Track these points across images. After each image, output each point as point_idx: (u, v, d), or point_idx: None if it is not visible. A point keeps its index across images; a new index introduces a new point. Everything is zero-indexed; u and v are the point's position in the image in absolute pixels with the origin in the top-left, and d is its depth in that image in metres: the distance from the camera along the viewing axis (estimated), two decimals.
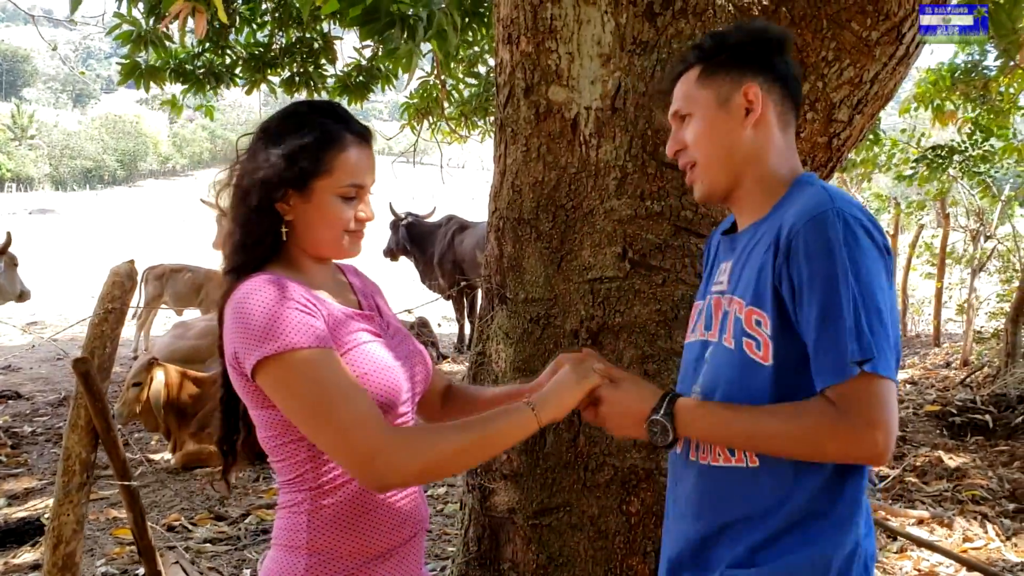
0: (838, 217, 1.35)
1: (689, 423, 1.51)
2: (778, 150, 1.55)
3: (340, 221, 1.61)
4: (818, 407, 1.37)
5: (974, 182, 9.06)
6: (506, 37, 2.41)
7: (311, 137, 1.57)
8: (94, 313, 2.13)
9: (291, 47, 6.54)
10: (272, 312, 1.46)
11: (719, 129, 1.54)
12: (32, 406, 7.83)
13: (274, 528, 1.64)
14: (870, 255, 1.36)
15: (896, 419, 1.34)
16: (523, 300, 2.39)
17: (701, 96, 1.56)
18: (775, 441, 1.42)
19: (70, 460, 2.13)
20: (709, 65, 1.56)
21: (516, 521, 2.39)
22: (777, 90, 1.54)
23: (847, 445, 1.35)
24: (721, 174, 1.56)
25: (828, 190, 1.42)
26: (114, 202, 57.78)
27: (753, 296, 1.46)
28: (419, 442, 1.48)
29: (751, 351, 1.45)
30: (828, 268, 1.34)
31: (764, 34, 1.57)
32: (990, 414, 6.71)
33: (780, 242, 1.41)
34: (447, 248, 11.07)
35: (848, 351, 1.32)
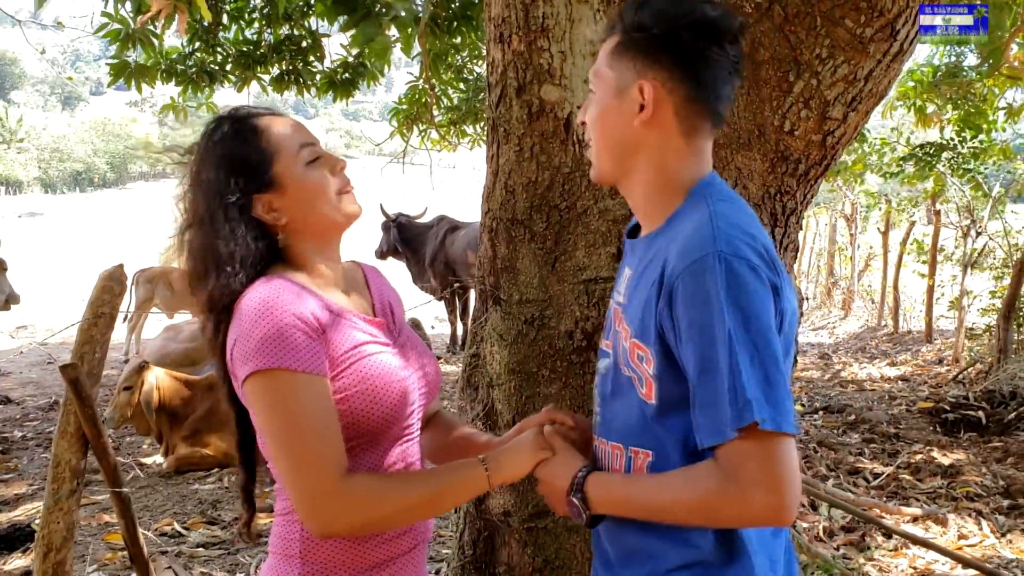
0: (719, 261, 1.24)
1: (600, 501, 1.42)
2: (677, 154, 1.41)
3: (324, 185, 1.56)
4: (705, 472, 1.28)
5: (964, 179, 9.08)
6: (497, 36, 2.39)
7: (237, 140, 1.54)
8: (83, 318, 2.11)
9: (279, 44, 6.52)
10: (272, 326, 1.42)
11: (610, 118, 1.42)
12: (22, 411, 7.79)
13: (270, 535, 1.62)
14: (757, 297, 1.25)
15: (794, 474, 1.22)
16: (517, 301, 2.37)
17: (605, 76, 1.43)
18: (673, 513, 1.33)
19: (60, 467, 2.11)
20: (623, 42, 1.41)
21: (511, 524, 2.37)
22: (683, 90, 1.37)
23: (739, 510, 1.25)
24: (607, 162, 1.46)
25: (715, 221, 1.30)
26: (104, 205, 57.56)
27: (639, 329, 1.36)
28: (368, 494, 1.45)
29: (636, 385, 1.39)
30: (705, 319, 1.24)
31: (684, 17, 1.35)
32: (983, 410, 6.73)
33: (663, 283, 1.30)
34: (439, 249, 11.05)
35: (726, 413, 1.22)
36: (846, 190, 13.92)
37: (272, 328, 1.42)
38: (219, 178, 1.52)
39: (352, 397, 1.49)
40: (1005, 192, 9.81)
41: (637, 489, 1.40)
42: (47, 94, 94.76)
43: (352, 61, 6.78)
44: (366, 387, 1.50)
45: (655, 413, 1.36)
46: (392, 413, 1.55)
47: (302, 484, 1.41)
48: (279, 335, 1.42)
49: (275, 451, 1.44)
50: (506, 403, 2.39)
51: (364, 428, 1.52)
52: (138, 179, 79.88)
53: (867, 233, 15.83)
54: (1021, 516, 4.67)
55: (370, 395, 1.51)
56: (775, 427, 1.21)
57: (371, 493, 1.46)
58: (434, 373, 1.74)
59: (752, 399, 1.20)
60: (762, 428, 1.20)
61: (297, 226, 1.56)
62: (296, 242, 1.58)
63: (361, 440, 1.52)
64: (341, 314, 1.54)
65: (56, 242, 33.06)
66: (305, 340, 1.44)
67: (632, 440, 1.42)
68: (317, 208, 1.56)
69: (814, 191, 2.41)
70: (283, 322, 1.42)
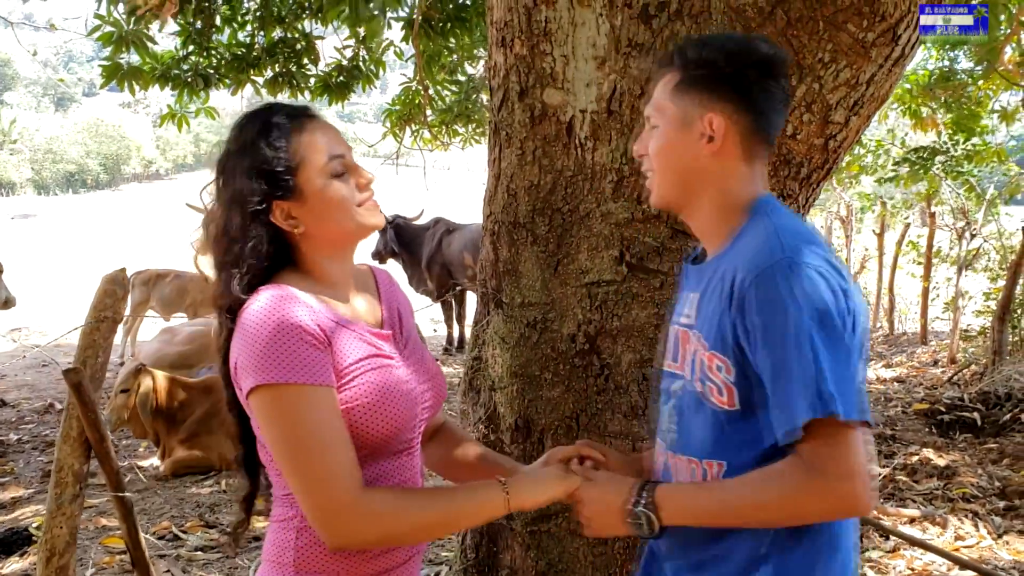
0: (788, 267, 1.33)
1: (672, 512, 1.46)
2: (739, 178, 1.51)
3: (346, 201, 1.54)
4: (789, 469, 1.34)
5: (958, 182, 9.12)
6: (500, 40, 2.39)
7: (265, 144, 1.51)
8: (86, 322, 2.10)
9: (273, 47, 6.50)
10: (277, 338, 1.41)
11: (677, 149, 1.51)
12: (18, 414, 7.76)
13: (265, 541, 1.60)
14: (827, 298, 1.32)
15: (866, 465, 1.30)
16: (519, 304, 2.37)
17: (668, 110, 1.52)
18: (756, 512, 1.39)
19: (62, 471, 2.10)
20: (685, 78, 1.51)
21: (514, 527, 2.37)
22: (746, 121, 1.49)
23: (824, 502, 1.32)
24: (673, 191, 1.55)
25: (780, 233, 1.39)
26: (97, 206, 57.39)
27: (715, 341, 1.43)
28: (385, 509, 1.45)
29: (714, 395, 1.43)
30: (779, 322, 1.31)
31: (747, 56, 1.49)
32: (978, 412, 6.74)
33: (734, 293, 1.38)
34: (435, 250, 11.05)
35: (805, 407, 1.28)
36: (841, 192, 13.95)
37: (278, 340, 1.41)
38: (242, 178, 1.51)
39: (355, 410, 1.48)
40: (998, 195, 9.84)
41: (712, 494, 1.45)
42: (40, 95, 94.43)
43: (347, 64, 6.78)
44: (370, 401, 1.49)
45: (734, 420, 1.42)
46: (395, 427, 1.54)
47: (318, 498, 1.41)
48: (285, 348, 1.41)
49: (288, 465, 1.43)
50: (508, 406, 2.39)
51: (366, 441, 1.50)
52: (131, 181, 79.65)
53: (861, 235, 15.86)
54: (1017, 517, 4.68)
55: (373, 409, 1.50)
56: (848, 418, 1.27)
57: (389, 508, 1.45)
58: (439, 386, 1.74)
59: (833, 392, 1.27)
60: (846, 419, 1.27)
61: (313, 235, 1.55)
62: (310, 249, 1.57)
63: (361, 452, 1.50)
64: (347, 325, 1.53)
65: (49, 244, 32.94)
66: (311, 352, 1.43)
67: (706, 453, 1.47)
68: (335, 220, 1.55)
69: (816, 194, 2.41)
70: (289, 334, 1.41)
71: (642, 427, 2.24)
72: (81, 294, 18.75)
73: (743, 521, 1.42)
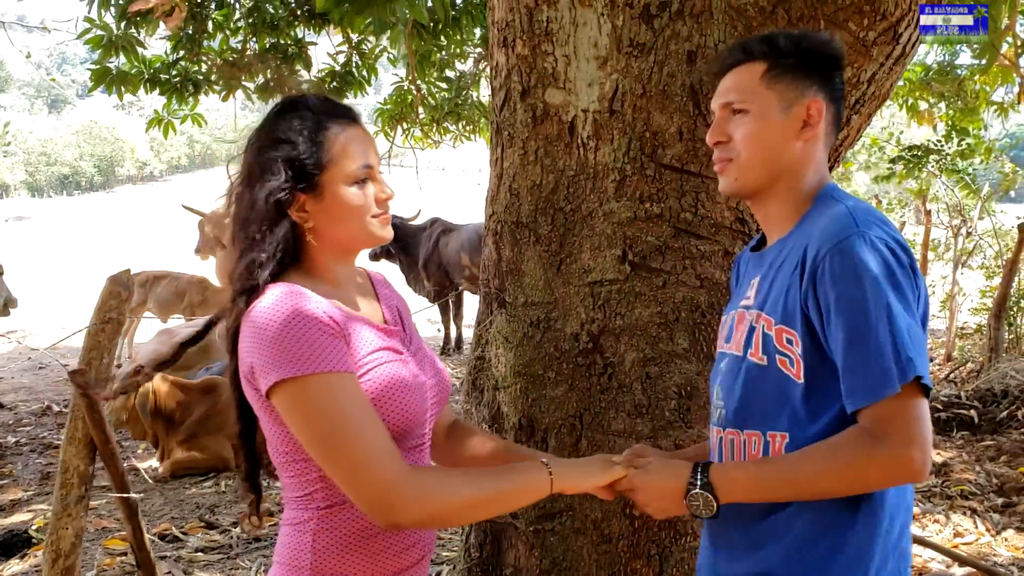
0: (864, 241, 1.37)
1: (729, 489, 1.49)
2: (816, 166, 1.56)
3: (361, 208, 1.56)
4: (852, 438, 1.37)
5: (953, 179, 9.14)
6: (501, 40, 2.40)
7: (302, 135, 1.53)
8: (91, 323, 2.10)
9: (265, 53, 6.49)
10: (294, 331, 1.41)
11: (773, 134, 1.53)
12: (15, 416, 7.75)
13: (277, 544, 1.60)
14: (898, 274, 1.37)
15: (930, 432, 1.34)
16: (523, 304, 2.38)
17: (764, 96, 1.53)
18: (818, 483, 1.41)
19: (68, 473, 2.10)
20: (778, 65, 1.53)
21: (518, 526, 2.38)
22: (833, 109, 1.56)
23: (888, 469, 1.35)
24: (759, 177, 1.56)
25: (853, 212, 1.43)
26: (91, 208, 57.29)
27: (783, 315, 1.46)
28: (436, 486, 1.45)
29: (785, 367, 1.46)
30: (855, 293, 1.35)
31: (831, 48, 1.56)
32: (975, 409, 6.77)
33: (806, 266, 1.42)
34: (432, 251, 11.05)
35: (888, 372, 1.32)
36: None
37: (294, 333, 1.41)
38: (274, 164, 1.52)
39: (372, 402, 1.48)
40: (992, 193, 9.87)
41: (773, 468, 1.47)
42: (33, 97, 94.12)
43: (340, 69, 6.78)
44: (385, 393, 1.50)
45: (803, 392, 1.44)
46: (410, 419, 1.55)
47: (365, 483, 1.41)
48: (303, 339, 1.41)
49: (326, 455, 1.43)
50: (512, 406, 2.40)
51: None
52: (125, 182, 79.52)
53: None
54: (1015, 514, 4.70)
55: (389, 401, 1.50)
56: (929, 383, 1.34)
57: (441, 485, 1.47)
58: (445, 380, 1.75)
59: (913, 357, 1.32)
60: (918, 383, 1.32)
61: (321, 234, 1.56)
62: (317, 248, 1.58)
63: None
64: (355, 321, 1.55)
65: (44, 246, 32.88)
66: (330, 340, 1.44)
67: (770, 424, 1.50)
68: (345, 224, 1.56)
69: None
70: (305, 325, 1.42)
71: (645, 425, 2.24)
72: (76, 296, 18.66)
73: (801, 493, 1.44)
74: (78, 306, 16.97)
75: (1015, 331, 8.11)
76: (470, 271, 10.33)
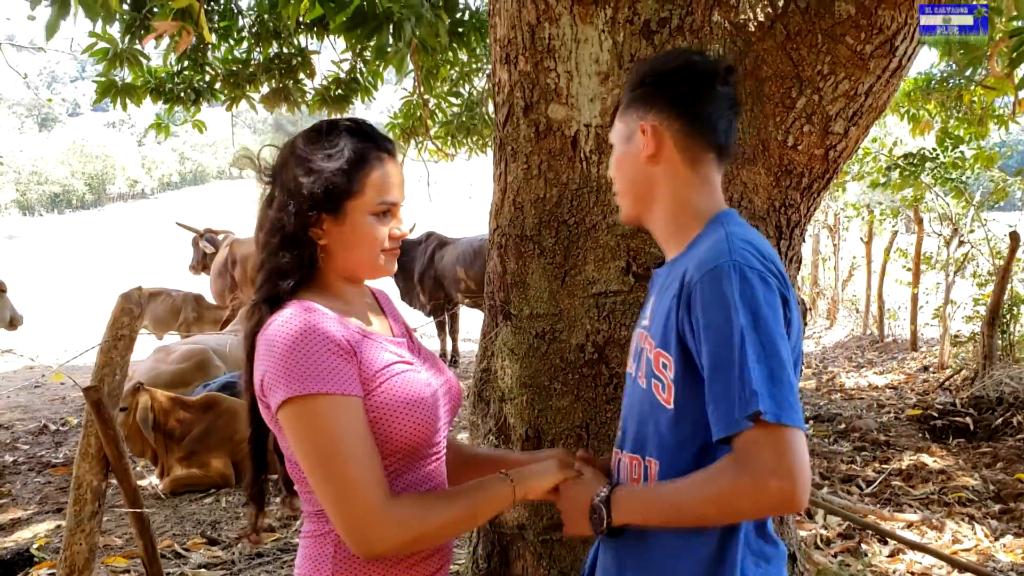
0: (734, 270, 1.36)
1: (623, 510, 1.50)
2: (686, 183, 1.56)
3: (375, 241, 1.60)
4: (722, 466, 1.36)
5: (946, 188, 9.19)
6: (504, 57, 2.44)
7: (340, 158, 1.56)
8: (103, 340, 2.12)
9: (269, 62, 6.52)
10: (304, 350, 1.45)
11: (624, 162, 1.61)
12: (12, 435, 7.72)
13: (298, 556, 1.62)
14: (767, 303, 1.36)
15: (804, 464, 1.31)
16: (528, 316, 2.40)
17: (617, 129, 1.64)
18: (697, 511, 1.40)
19: (81, 489, 2.12)
20: (628, 99, 1.62)
21: (526, 537, 2.40)
22: (679, 124, 1.54)
23: (754, 499, 1.33)
24: (631, 204, 1.63)
25: (730, 237, 1.43)
26: (82, 226, 57.17)
27: (662, 339, 1.47)
28: (410, 515, 1.48)
29: (657, 392, 1.48)
30: (720, 320, 1.35)
31: (672, 67, 1.57)
32: (971, 416, 6.81)
33: (682, 290, 1.43)
34: (428, 264, 11.08)
35: (737, 404, 1.31)
36: (829, 200, 14.04)
37: (305, 352, 1.45)
38: (306, 180, 1.55)
39: (385, 416, 1.52)
40: (984, 202, 9.93)
41: (662, 492, 1.47)
42: (23, 116, 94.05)
43: (344, 77, 6.81)
44: (398, 405, 1.53)
45: (671, 419, 1.45)
46: (425, 430, 1.58)
47: (347, 507, 1.44)
48: (313, 359, 1.45)
49: (317, 476, 1.46)
50: (518, 417, 2.42)
51: (399, 446, 1.54)
52: (116, 200, 79.39)
53: (848, 242, 15.95)
54: (1013, 520, 4.72)
55: (403, 413, 1.53)
56: (775, 419, 1.30)
57: (414, 512, 1.49)
58: (456, 388, 1.78)
59: (756, 391, 1.30)
60: (781, 422, 1.29)
61: (332, 254, 1.61)
62: (328, 266, 1.62)
63: (396, 459, 1.55)
64: (368, 336, 1.58)
65: (35, 265, 32.80)
66: (338, 362, 1.47)
67: (646, 450, 1.53)
68: (356, 252, 1.61)
69: (817, 203, 2.46)
70: (316, 345, 1.46)
71: None
72: (69, 314, 18.52)
73: (686, 520, 1.44)
74: (72, 324, 16.95)
75: (1008, 338, 8.15)
76: (466, 284, 10.36)
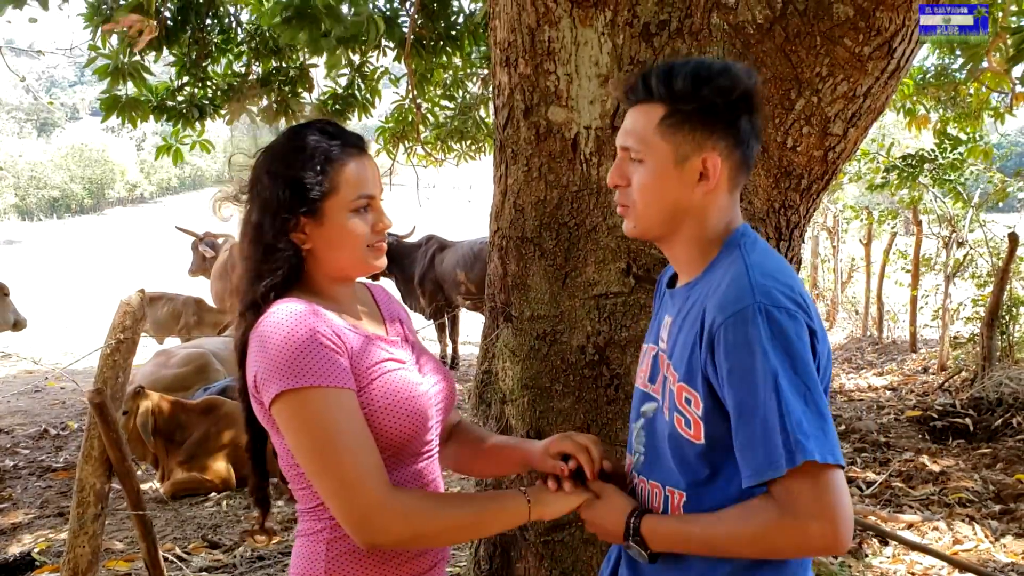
0: (760, 313, 1.33)
1: (659, 543, 1.50)
2: (720, 210, 1.51)
3: (358, 237, 1.61)
4: (761, 507, 1.35)
5: (944, 189, 9.20)
6: (504, 60, 2.45)
7: (309, 160, 1.57)
8: (105, 343, 2.13)
9: (268, 76, 6.53)
10: (297, 344, 1.46)
11: (668, 187, 1.48)
12: (12, 440, 7.71)
13: (292, 554, 1.64)
14: (799, 341, 1.34)
15: (847, 504, 1.30)
16: (529, 317, 2.41)
17: (659, 147, 1.47)
18: (731, 547, 1.40)
19: (84, 491, 2.13)
20: (674, 113, 1.46)
21: (528, 537, 2.41)
22: (736, 156, 1.48)
23: (798, 541, 1.33)
24: (657, 225, 1.53)
25: (752, 273, 1.39)
26: (82, 231, 57.18)
27: (685, 373, 1.44)
28: (416, 509, 1.49)
29: (681, 427, 1.45)
30: (747, 365, 1.32)
31: (737, 92, 1.45)
32: (970, 417, 6.82)
33: (704, 332, 1.39)
34: (427, 268, 11.08)
35: (777, 453, 1.29)
36: (828, 202, 14.04)
37: (297, 346, 1.46)
38: (280, 189, 1.58)
39: (374, 413, 1.54)
40: (982, 203, 9.94)
41: (693, 527, 1.46)
42: (22, 120, 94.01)
43: (342, 92, 6.82)
44: (387, 403, 1.55)
45: (701, 453, 1.43)
46: (413, 428, 1.59)
47: (350, 498, 1.45)
48: (304, 353, 1.46)
49: (315, 468, 1.47)
50: (520, 418, 2.43)
51: (386, 443, 1.55)
52: (115, 205, 79.38)
53: (846, 244, 15.96)
54: (1014, 520, 4.73)
55: (391, 411, 1.55)
56: (832, 460, 1.28)
57: (420, 508, 1.50)
58: (450, 387, 1.79)
59: (805, 437, 1.28)
60: (819, 460, 1.27)
61: (319, 257, 1.62)
62: (316, 269, 1.64)
63: (385, 455, 1.55)
64: (359, 334, 1.60)
65: (35, 270, 32.77)
66: (331, 355, 1.49)
67: (671, 480, 1.50)
68: (342, 251, 1.62)
69: (817, 204, 2.47)
70: (307, 339, 1.47)
71: None
72: (69, 319, 18.49)
73: (720, 553, 1.43)
74: (72, 328, 16.93)
75: (1007, 339, 8.16)
76: (466, 287, 10.36)
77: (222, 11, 6.11)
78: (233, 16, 6.30)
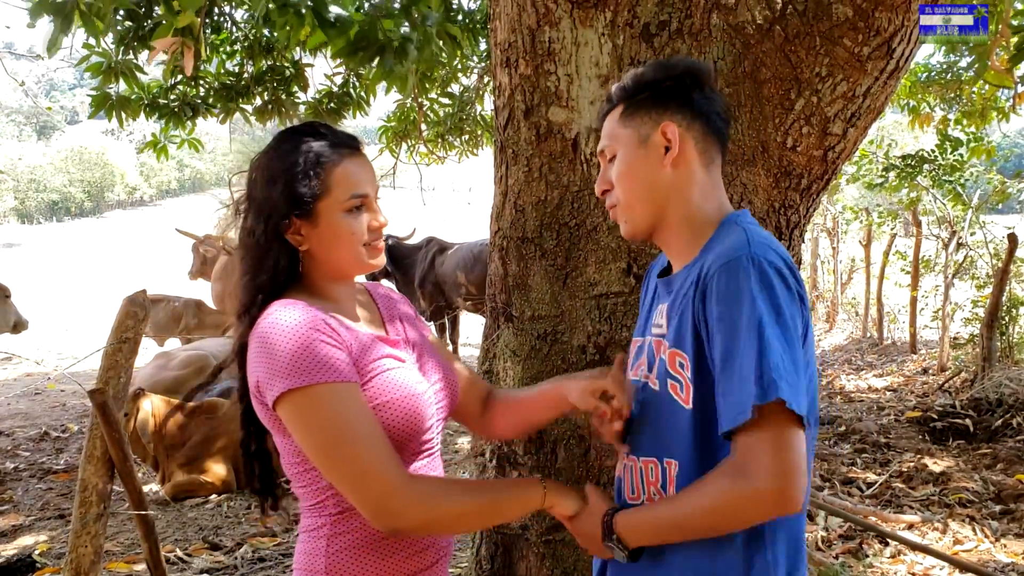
0: (751, 262, 1.35)
1: (634, 536, 1.50)
2: (701, 188, 1.55)
3: (354, 236, 1.62)
4: (719, 474, 1.35)
5: (944, 190, 9.21)
6: (504, 60, 2.45)
7: (301, 162, 1.58)
8: (108, 343, 2.14)
9: (262, 76, 6.54)
10: (298, 343, 1.47)
11: (639, 168, 1.55)
12: (13, 442, 7.72)
13: (295, 552, 1.65)
14: (785, 297, 1.35)
15: (801, 462, 1.30)
16: (529, 318, 2.42)
17: (623, 135, 1.58)
18: (695, 523, 1.40)
19: (87, 491, 2.13)
20: (631, 104, 1.58)
21: (529, 537, 2.41)
22: (697, 127, 1.55)
23: (754, 504, 1.32)
24: (643, 213, 1.57)
25: (748, 233, 1.42)
26: (82, 234, 57.20)
27: (676, 337, 1.46)
28: (434, 494, 1.51)
29: (675, 392, 1.46)
30: (734, 312, 1.33)
31: (681, 71, 1.56)
32: (970, 418, 6.82)
33: (699, 283, 1.41)
34: (428, 270, 11.10)
35: (749, 392, 1.28)
36: (827, 203, 14.06)
37: (298, 345, 1.47)
38: (273, 192, 1.59)
39: (373, 409, 1.54)
40: (982, 205, 9.95)
41: (660, 510, 1.48)
42: (22, 124, 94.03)
43: (337, 90, 6.82)
44: (384, 401, 1.56)
45: (690, 419, 1.44)
46: (411, 427, 1.60)
47: (367, 485, 1.46)
48: (306, 351, 1.47)
49: (329, 462, 1.48)
50: None
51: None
52: (115, 208, 79.42)
53: (846, 245, 15.97)
54: (1014, 520, 4.74)
55: (388, 409, 1.56)
56: (798, 410, 1.28)
57: (437, 492, 1.52)
58: (452, 387, 1.79)
59: (778, 379, 1.28)
60: (788, 406, 1.27)
61: (316, 258, 1.64)
62: (314, 270, 1.65)
63: None
64: (357, 332, 1.61)
65: (34, 273, 32.78)
66: (332, 351, 1.50)
67: (665, 451, 1.51)
68: (338, 251, 1.63)
69: (816, 204, 2.48)
70: (308, 337, 1.48)
71: None
72: (69, 322, 18.47)
73: (690, 534, 1.43)
74: (72, 331, 16.94)
75: (1007, 340, 8.18)
76: (466, 289, 10.37)
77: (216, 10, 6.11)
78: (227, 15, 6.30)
